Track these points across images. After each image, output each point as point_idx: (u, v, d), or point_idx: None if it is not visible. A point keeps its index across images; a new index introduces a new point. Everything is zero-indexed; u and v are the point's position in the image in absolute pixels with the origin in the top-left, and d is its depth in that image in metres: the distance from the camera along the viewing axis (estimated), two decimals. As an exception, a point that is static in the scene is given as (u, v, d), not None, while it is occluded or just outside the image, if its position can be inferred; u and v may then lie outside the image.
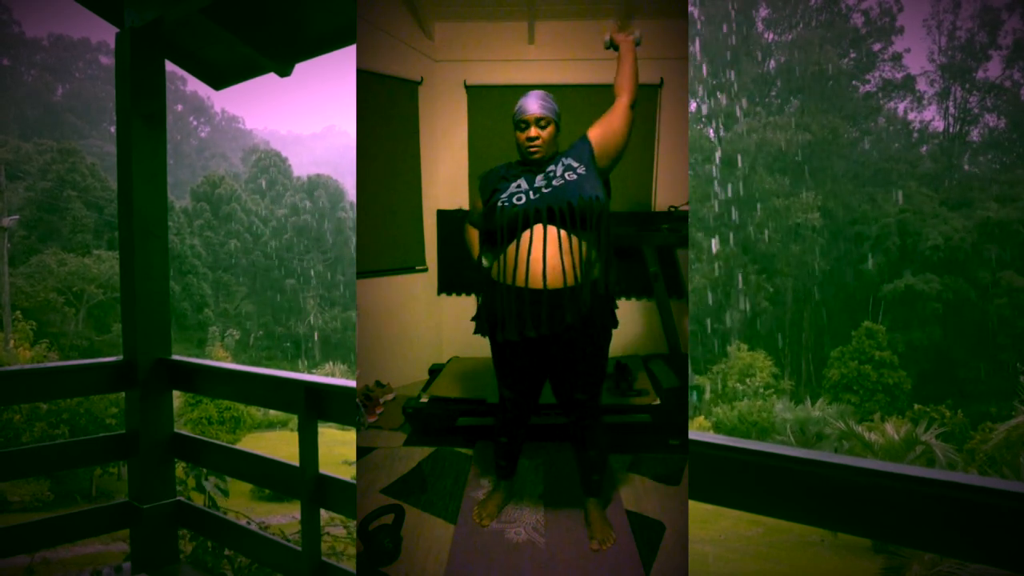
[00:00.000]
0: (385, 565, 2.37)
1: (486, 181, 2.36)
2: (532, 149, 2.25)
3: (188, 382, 3.19)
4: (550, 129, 2.27)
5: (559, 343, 2.21)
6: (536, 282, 2.12)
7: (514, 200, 2.18)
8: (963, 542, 1.34)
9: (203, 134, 75.15)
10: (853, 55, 42.91)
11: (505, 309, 2.19)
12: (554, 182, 2.19)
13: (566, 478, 3.05)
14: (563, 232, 2.12)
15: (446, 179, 4.96)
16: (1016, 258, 33.41)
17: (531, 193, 2.18)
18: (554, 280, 2.11)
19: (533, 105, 2.26)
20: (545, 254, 2.11)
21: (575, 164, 2.22)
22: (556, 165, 2.24)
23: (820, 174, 38.54)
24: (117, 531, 3.13)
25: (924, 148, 43.66)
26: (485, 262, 2.36)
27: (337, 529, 4.52)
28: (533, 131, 2.25)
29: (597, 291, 2.17)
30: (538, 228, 2.13)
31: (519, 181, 2.25)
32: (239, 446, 4.04)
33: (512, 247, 2.16)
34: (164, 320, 3.04)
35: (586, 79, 4.50)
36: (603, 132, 2.25)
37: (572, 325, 2.14)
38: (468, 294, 5.01)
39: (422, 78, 4.67)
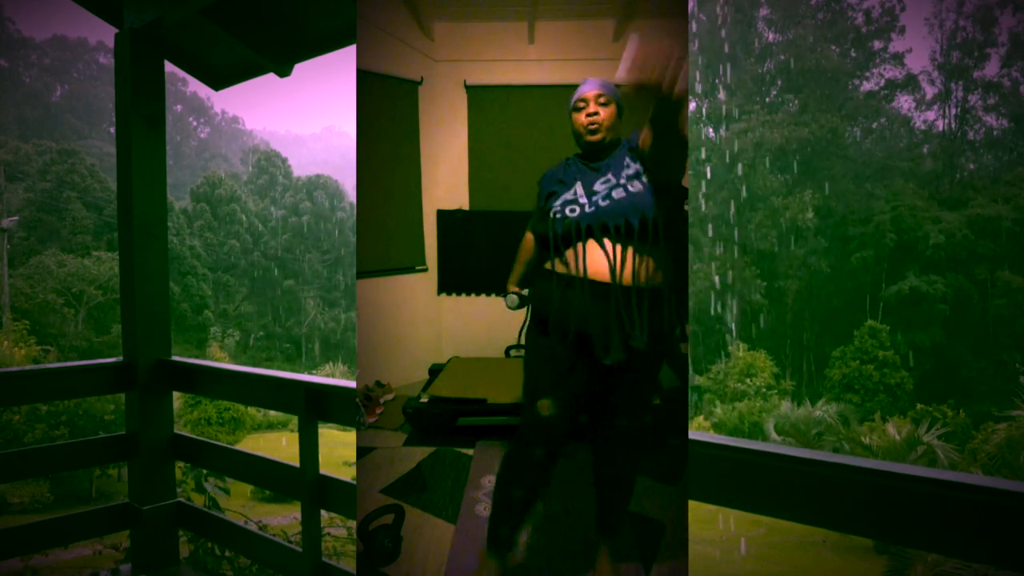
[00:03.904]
0: (385, 565, 2.36)
1: (542, 184, 2.11)
2: (592, 126, 1.98)
3: (188, 383, 3.18)
4: (611, 109, 2.00)
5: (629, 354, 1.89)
6: (602, 275, 1.86)
7: (567, 211, 1.92)
8: (966, 542, 1.34)
9: (203, 135, 75.11)
10: (854, 54, 42.92)
11: (563, 300, 1.90)
12: (614, 193, 1.89)
13: (566, 478, 3.05)
14: (619, 246, 1.86)
15: (446, 179, 4.95)
16: (1011, 256, 33.40)
17: (587, 206, 1.91)
18: (625, 276, 1.86)
19: (590, 85, 2.03)
20: (605, 255, 1.87)
21: (642, 171, 1.92)
22: (620, 168, 1.95)
23: (820, 173, 38.54)
24: (117, 533, 3.13)
25: (926, 148, 43.67)
26: (513, 301, 2.28)
27: (338, 529, 4.52)
28: (592, 107, 1.99)
29: (666, 308, 1.91)
30: (592, 243, 1.89)
31: (575, 187, 1.98)
32: (239, 447, 4.03)
33: (570, 250, 1.93)
34: (164, 321, 3.04)
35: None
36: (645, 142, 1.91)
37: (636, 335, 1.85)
38: (468, 294, 5.00)
39: (422, 78, 4.67)
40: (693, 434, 1.64)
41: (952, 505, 1.31)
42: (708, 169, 37.92)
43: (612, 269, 1.85)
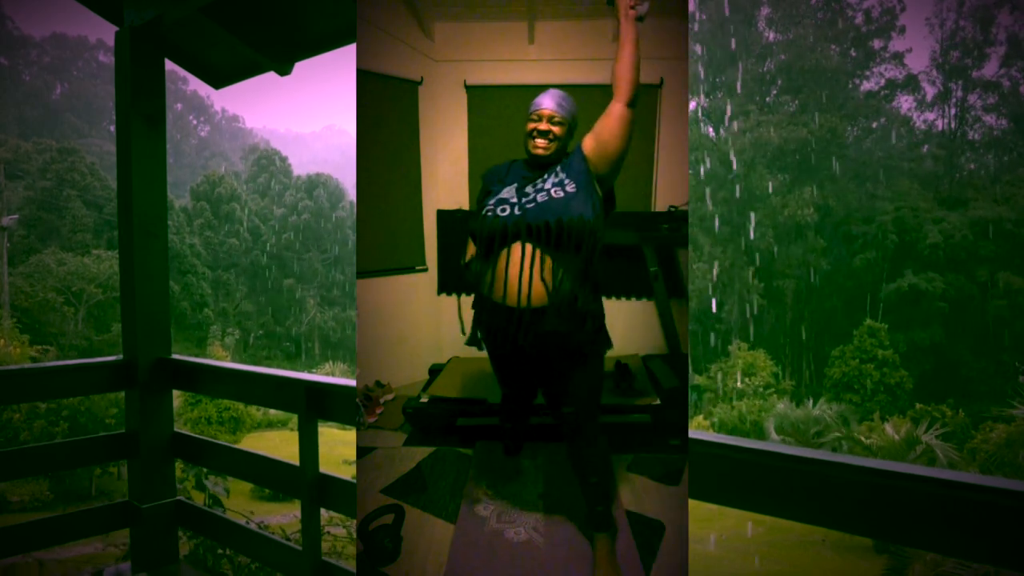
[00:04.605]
0: (385, 565, 2.36)
1: (485, 179, 2.30)
2: (539, 142, 2.18)
3: (188, 382, 3.19)
4: (563, 129, 2.20)
5: (542, 357, 2.16)
6: (512, 299, 2.07)
7: (498, 211, 2.11)
8: (965, 542, 1.34)
9: (203, 133, 75.10)
10: (854, 54, 42.90)
11: (487, 323, 2.19)
12: (538, 197, 2.09)
13: (566, 478, 3.05)
14: (538, 251, 2.04)
15: (446, 179, 4.95)
16: (1010, 257, 33.37)
17: (516, 207, 2.10)
18: (531, 299, 2.06)
19: (549, 101, 2.19)
20: (521, 272, 2.05)
21: (566, 179, 2.11)
22: (550, 175, 2.16)
23: (820, 173, 38.53)
24: (117, 531, 3.13)
25: (925, 148, 43.66)
26: (471, 269, 2.32)
27: (337, 528, 4.52)
28: (544, 125, 2.17)
29: (573, 311, 2.07)
30: (516, 246, 2.06)
31: (510, 188, 2.17)
32: (239, 446, 4.04)
33: (492, 261, 2.12)
34: (164, 319, 3.04)
35: (586, 79, 4.50)
36: (596, 140, 2.13)
37: (543, 342, 2.09)
38: (468, 294, 5.00)
39: (422, 78, 4.67)
40: (693, 434, 1.64)
41: (952, 505, 1.31)
42: (708, 169, 37.92)
43: (519, 291, 2.05)
